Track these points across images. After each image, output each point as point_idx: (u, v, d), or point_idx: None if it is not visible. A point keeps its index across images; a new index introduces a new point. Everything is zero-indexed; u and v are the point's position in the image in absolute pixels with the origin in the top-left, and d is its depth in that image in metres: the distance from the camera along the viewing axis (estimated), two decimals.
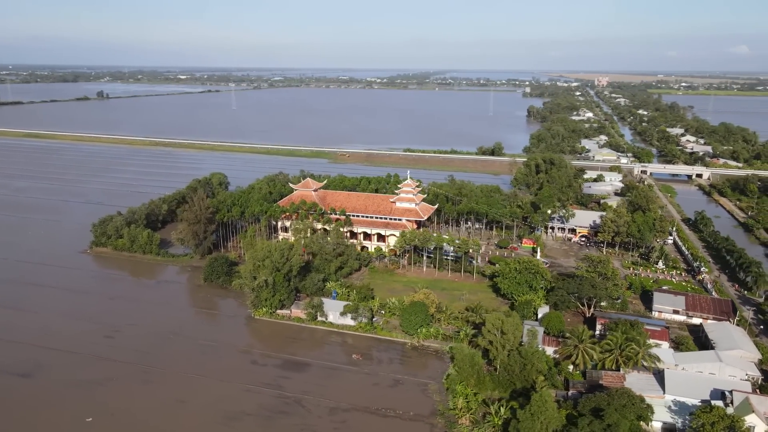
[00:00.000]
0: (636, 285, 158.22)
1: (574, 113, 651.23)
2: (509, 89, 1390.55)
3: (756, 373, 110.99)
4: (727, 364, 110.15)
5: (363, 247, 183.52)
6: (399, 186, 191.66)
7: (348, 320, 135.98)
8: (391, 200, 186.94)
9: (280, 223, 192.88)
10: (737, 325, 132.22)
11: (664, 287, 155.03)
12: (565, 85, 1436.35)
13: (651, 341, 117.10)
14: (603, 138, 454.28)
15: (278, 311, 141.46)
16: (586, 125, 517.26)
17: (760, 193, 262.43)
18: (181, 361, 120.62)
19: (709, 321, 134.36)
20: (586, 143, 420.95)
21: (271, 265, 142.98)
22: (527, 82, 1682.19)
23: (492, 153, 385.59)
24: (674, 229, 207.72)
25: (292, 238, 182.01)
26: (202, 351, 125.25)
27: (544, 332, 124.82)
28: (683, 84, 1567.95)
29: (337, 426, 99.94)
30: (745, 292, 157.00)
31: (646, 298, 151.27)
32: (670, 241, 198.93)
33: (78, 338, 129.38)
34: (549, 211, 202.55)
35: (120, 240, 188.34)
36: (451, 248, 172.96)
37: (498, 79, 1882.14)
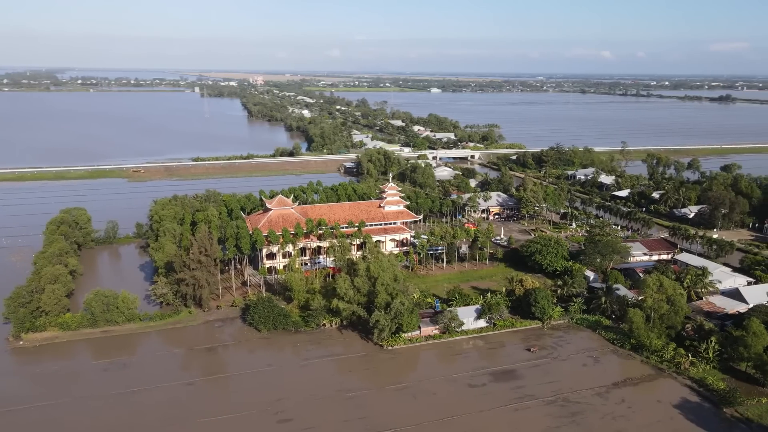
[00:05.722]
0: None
1: (290, 111, 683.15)
2: (174, 89, 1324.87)
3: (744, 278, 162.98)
4: (736, 276, 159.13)
5: None
6: (384, 190, 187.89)
7: (480, 323, 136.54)
8: (380, 205, 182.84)
9: (265, 250, 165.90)
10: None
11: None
12: (225, 84, 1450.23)
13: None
14: (356, 132, 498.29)
15: (404, 335, 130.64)
16: (329, 121, 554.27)
17: (535, 165, 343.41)
18: (408, 412, 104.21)
19: (666, 256, 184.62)
20: (356, 137, 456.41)
21: (383, 289, 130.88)
22: (181, 82, 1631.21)
23: (291, 154, 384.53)
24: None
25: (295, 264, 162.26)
26: (412, 395, 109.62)
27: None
28: (323, 82, 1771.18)
29: (624, 403, 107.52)
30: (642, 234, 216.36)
31: None
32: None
33: None
34: (474, 195, 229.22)
35: (69, 315, 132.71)
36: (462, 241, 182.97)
37: (143, 78, 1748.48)
